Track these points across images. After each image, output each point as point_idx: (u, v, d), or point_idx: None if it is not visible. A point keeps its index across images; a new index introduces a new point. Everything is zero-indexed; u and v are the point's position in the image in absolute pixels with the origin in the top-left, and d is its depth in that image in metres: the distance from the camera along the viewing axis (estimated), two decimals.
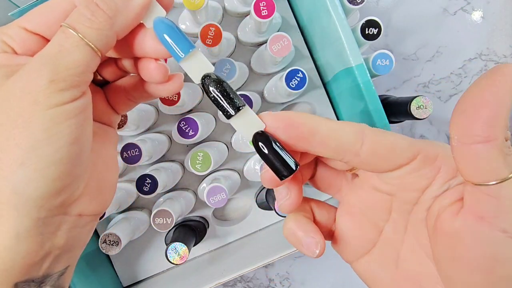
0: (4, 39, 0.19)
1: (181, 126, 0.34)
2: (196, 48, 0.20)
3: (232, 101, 0.19)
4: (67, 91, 0.17)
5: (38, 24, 0.20)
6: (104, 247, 0.34)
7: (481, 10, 0.51)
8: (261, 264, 0.36)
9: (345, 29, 0.32)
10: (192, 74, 0.20)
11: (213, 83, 0.19)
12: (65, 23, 0.18)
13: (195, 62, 0.20)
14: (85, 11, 0.18)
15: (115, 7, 0.19)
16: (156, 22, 0.20)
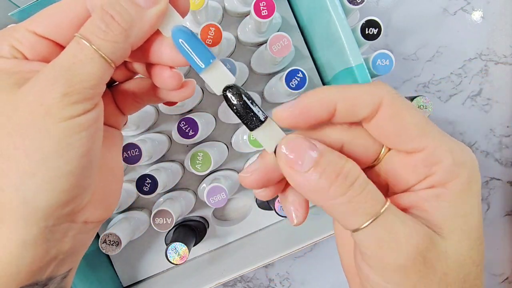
0: (13, 43, 0.19)
1: (181, 126, 0.34)
2: (217, 58, 0.19)
3: (255, 114, 0.18)
4: (80, 104, 0.17)
5: (48, 28, 0.19)
6: (104, 247, 0.34)
7: (481, 10, 0.51)
8: (261, 264, 0.36)
9: (345, 29, 0.32)
10: (213, 86, 0.19)
11: (236, 95, 0.19)
12: (80, 33, 0.18)
13: (216, 73, 0.19)
14: (100, 23, 0.18)
15: (130, 18, 0.18)
16: (175, 31, 0.19)
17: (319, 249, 0.51)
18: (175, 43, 0.19)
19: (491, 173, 0.53)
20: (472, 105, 0.52)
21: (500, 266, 0.55)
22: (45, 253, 0.18)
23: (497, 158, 0.53)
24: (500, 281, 0.55)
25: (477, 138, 0.53)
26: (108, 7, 0.18)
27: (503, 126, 0.53)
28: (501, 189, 0.54)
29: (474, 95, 0.52)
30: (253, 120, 0.18)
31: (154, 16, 0.19)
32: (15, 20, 0.33)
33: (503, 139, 0.53)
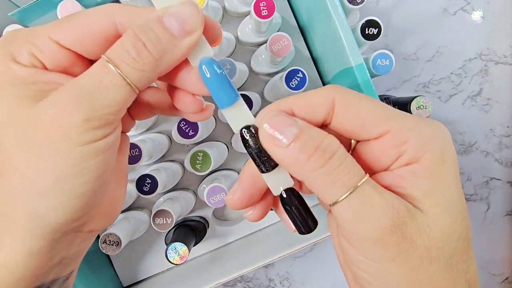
0: (33, 51, 0.18)
1: (181, 126, 0.34)
2: (240, 97, 0.19)
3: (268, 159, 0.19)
4: (100, 129, 0.17)
5: (72, 39, 0.18)
6: (104, 247, 0.34)
7: (481, 10, 0.51)
8: (261, 264, 0.36)
9: (345, 29, 0.32)
10: (232, 123, 0.19)
11: (252, 138, 0.19)
12: (107, 56, 0.17)
13: (238, 112, 0.19)
14: (131, 49, 0.17)
15: (162, 48, 0.17)
16: (203, 64, 0.19)
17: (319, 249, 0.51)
18: (201, 76, 0.19)
19: (491, 173, 0.53)
20: (472, 105, 0.52)
21: (500, 266, 0.55)
22: (50, 260, 0.18)
23: (497, 158, 0.53)
24: (500, 281, 0.55)
25: (477, 138, 0.53)
26: (141, 33, 0.17)
27: (503, 126, 0.53)
28: (501, 189, 0.54)
29: (474, 95, 0.52)
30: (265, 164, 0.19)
31: (186, 46, 0.18)
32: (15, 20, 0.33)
33: (503, 139, 0.53)
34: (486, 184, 0.54)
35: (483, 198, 0.54)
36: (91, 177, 0.17)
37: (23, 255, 0.17)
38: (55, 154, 0.16)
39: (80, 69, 0.19)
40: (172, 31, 0.17)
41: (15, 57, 0.17)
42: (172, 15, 0.17)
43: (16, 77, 0.17)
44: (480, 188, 0.54)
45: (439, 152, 0.17)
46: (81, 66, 0.19)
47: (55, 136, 0.16)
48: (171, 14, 0.17)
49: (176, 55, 0.18)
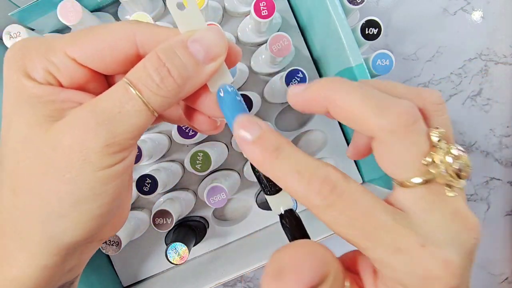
0: (49, 68, 0.17)
1: (181, 126, 0.34)
2: None
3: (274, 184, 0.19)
4: (119, 154, 0.17)
5: (90, 57, 0.17)
6: (104, 247, 0.34)
7: (481, 10, 0.51)
8: (261, 264, 0.36)
9: (345, 29, 0.32)
10: None
11: None
12: (129, 79, 0.16)
13: None
14: (154, 75, 0.16)
15: (186, 74, 0.17)
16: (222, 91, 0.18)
17: None
18: (219, 103, 0.18)
19: (491, 173, 0.53)
20: (472, 105, 0.52)
21: (500, 266, 0.55)
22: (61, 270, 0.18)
23: (497, 158, 0.53)
24: (500, 281, 0.55)
25: (477, 138, 0.53)
26: (166, 58, 0.17)
27: (503, 126, 0.53)
28: (501, 189, 0.54)
29: (474, 95, 0.52)
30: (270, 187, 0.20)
31: (209, 73, 0.18)
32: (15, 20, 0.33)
33: (503, 139, 0.53)
34: (486, 184, 0.54)
35: (483, 198, 0.54)
36: (109, 199, 0.17)
37: (37, 270, 0.17)
38: (75, 178, 0.16)
39: (96, 85, 0.19)
40: (197, 57, 0.17)
41: (29, 72, 0.17)
42: (198, 40, 0.17)
43: (32, 95, 0.17)
44: (480, 188, 0.54)
45: None
46: (97, 82, 0.19)
47: (75, 160, 0.16)
48: (196, 40, 0.17)
49: (198, 82, 0.18)
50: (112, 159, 0.16)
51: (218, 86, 0.19)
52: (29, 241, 0.17)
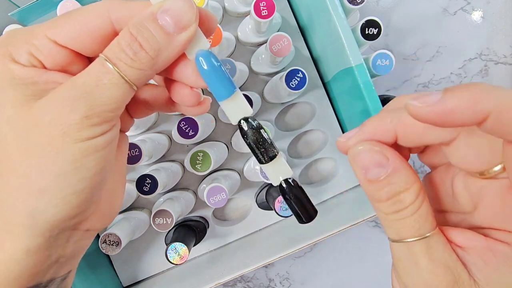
0: (32, 51, 0.18)
1: (181, 126, 0.34)
2: (237, 90, 0.19)
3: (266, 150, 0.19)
4: (99, 126, 0.17)
5: (69, 37, 0.18)
6: (104, 247, 0.34)
7: (481, 10, 0.51)
8: (261, 264, 0.36)
9: (345, 29, 0.32)
10: (230, 115, 0.19)
11: (250, 129, 0.19)
12: (105, 55, 0.17)
13: (235, 103, 0.19)
14: (127, 50, 0.17)
15: (158, 46, 0.17)
16: (200, 57, 0.19)
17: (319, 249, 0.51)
18: (198, 69, 0.19)
19: None
20: None
21: None
22: (47, 258, 0.18)
23: None
24: None
25: None
26: (137, 32, 0.17)
27: None
28: None
29: None
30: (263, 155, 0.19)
31: (182, 42, 0.18)
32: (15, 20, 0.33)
33: None
34: None
35: None
36: (90, 173, 0.17)
37: (20, 253, 0.17)
38: (55, 153, 0.16)
39: (78, 67, 0.19)
40: (166, 29, 0.17)
41: (14, 57, 0.17)
42: (166, 11, 0.17)
43: (16, 77, 0.17)
44: None
45: None
46: (79, 64, 0.19)
47: (55, 134, 0.16)
48: (164, 11, 0.17)
49: (172, 52, 0.18)
50: (92, 131, 0.17)
51: (195, 52, 0.19)
52: (11, 221, 0.17)
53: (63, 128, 0.16)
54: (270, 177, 0.20)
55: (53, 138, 0.16)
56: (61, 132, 0.16)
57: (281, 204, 0.35)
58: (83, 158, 0.17)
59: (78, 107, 0.16)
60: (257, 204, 0.42)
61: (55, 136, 0.16)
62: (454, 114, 0.14)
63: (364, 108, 0.34)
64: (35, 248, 0.17)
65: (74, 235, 0.19)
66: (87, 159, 0.17)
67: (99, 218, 0.20)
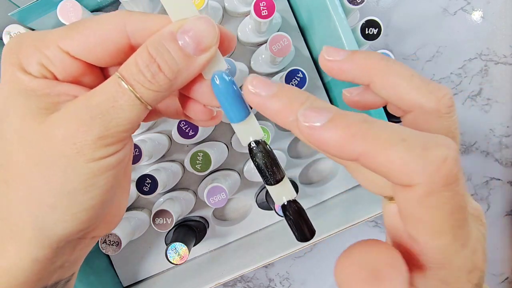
0: (43, 61, 0.17)
1: (181, 126, 0.34)
2: (252, 113, 0.19)
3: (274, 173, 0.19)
4: (112, 146, 0.17)
5: (83, 49, 0.17)
6: (104, 247, 0.34)
7: (481, 10, 0.51)
8: (261, 264, 0.36)
9: (345, 29, 0.32)
10: (241, 137, 0.19)
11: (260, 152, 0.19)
12: (121, 75, 0.17)
13: (248, 127, 0.19)
14: (146, 71, 0.16)
15: (177, 69, 0.17)
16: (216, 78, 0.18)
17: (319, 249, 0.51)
18: (214, 90, 0.18)
19: (491, 173, 0.53)
20: (472, 105, 0.52)
21: (500, 266, 0.55)
22: (52, 265, 0.18)
23: (497, 158, 0.53)
24: (500, 281, 0.55)
25: (477, 138, 0.53)
26: (156, 53, 0.17)
27: (503, 126, 0.53)
28: (501, 189, 0.54)
29: (474, 95, 0.52)
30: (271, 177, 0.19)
31: (201, 64, 0.17)
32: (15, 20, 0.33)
33: (503, 139, 0.53)
34: (486, 184, 0.54)
35: (483, 198, 0.54)
36: (101, 191, 0.17)
37: (27, 262, 0.17)
38: (67, 170, 0.16)
39: (91, 78, 0.19)
40: (186, 50, 0.17)
41: (23, 66, 0.17)
42: (187, 32, 0.17)
43: (27, 89, 0.17)
44: (480, 188, 0.54)
45: None
46: (92, 75, 0.19)
47: (69, 151, 0.16)
48: (185, 31, 0.17)
49: (190, 74, 0.18)
50: (105, 151, 0.17)
51: (212, 73, 0.18)
52: (20, 233, 0.17)
53: (77, 147, 0.16)
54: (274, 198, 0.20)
55: (65, 155, 0.16)
56: (74, 151, 0.16)
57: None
58: (95, 177, 0.17)
59: (93, 128, 0.16)
60: (257, 204, 0.42)
61: (67, 154, 0.16)
62: (328, 147, 0.14)
63: None
64: (42, 257, 0.17)
65: (81, 243, 0.20)
66: (99, 178, 0.17)
67: (105, 225, 0.21)
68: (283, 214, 0.20)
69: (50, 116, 0.16)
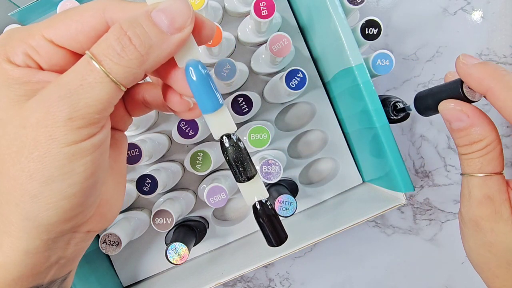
0: (28, 51, 0.17)
1: (181, 126, 0.34)
2: (224, 105, 0.19)
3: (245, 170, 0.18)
4: (85, 129, 0.16)
5: (66, 37, 0.18)
6: (104, 247, 0.34)
7: (481, 10, 0.51)
8: (261, 264, 0.36)
9: (345, 29, 0.32)
10: (213, 129, 0.19)
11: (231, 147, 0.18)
12: (91, 52, 0.16)
13: (220, 118, 0.19)
14: (115, 44, 0.16)
15: (149, 43, 0.17)
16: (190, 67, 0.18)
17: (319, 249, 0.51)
18: (187, 78, 0.18)
19: None
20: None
21: None
22: (46, 260, 0.18)
23: None
24: None
25: None
26: (128, 27, 0.16)
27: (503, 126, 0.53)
28: None
29: None
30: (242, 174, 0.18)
31: (175, 43, 0.17)
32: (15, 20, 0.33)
33: (503, 139, 0.53)
34: None
35: None
36: (79, 178, 0.17)
37: (19, 255, 0.17)
38: (43, 156, 0.16)
39: None
40: (161, 27, 0.17)
41: (9, 57, 0.17)
42: (162, 10, 0.17)
43: (9, 77, 0.17)
44: None
45: None
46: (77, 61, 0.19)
47: (42, 137, 0.16)
48: (161, 10, 0.17)
49: (163, 52, 0.17)
50: (77, 134, 0.16)
51: (186, 61, 0.18)
52: (9, 224, 0.17)
53: (49, 131, 0.16)
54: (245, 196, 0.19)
55: (40, 141, 0.16)
56: (47, 135, 0.16)
57: (281, 204, 0.35)
58: (71, 163, 0.16)
59: (62, 108, 0.16)
60: None
61: (42, 139, 0.16)
62: (471, 78, 0.22)
63: (364, 108, 0.34)
64: (33, 250, 0.17)
65: (75, 238, 0.19)
66: (75, 164, 0.16)
67: (100, 219, 0.20)
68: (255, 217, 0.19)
69: (28, 101, 0.16)
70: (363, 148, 0.39)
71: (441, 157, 0.52)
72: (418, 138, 0.52)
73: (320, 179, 0.45)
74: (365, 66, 0.33)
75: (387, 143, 0.33)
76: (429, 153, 0.52)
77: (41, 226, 0.17)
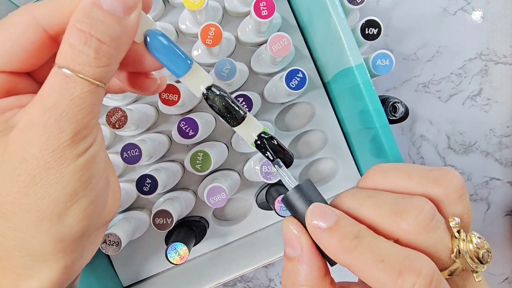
0: None
1: (181, 126, 0.34)
2: (194, 62, 0.19)
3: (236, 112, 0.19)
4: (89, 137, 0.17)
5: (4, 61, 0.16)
6: (104, 247, 0.34)
7: (481, 10, 0.51)
8: (261, 264, 0.36)
9: (345, 29, 0.32)
10: (193, 89, 0.19)
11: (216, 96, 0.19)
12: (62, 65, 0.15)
13: (195, 77, 0.19)
14: (86, 49, 0.15)
15: (116, 35, 0.16)
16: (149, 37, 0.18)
17: None
18: (150, 50, 0.18)
19: (491, 173, 0.53)
20: (472, 105, 0.52)
21: (500, 266, 0.55)
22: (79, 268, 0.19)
23: (497, 158, 0.53)
24: (500, 281, 0.55)
25: (477, 138, 0.53)
26: (88, 27, 0.15)
27: (503, 126, 0.53)
28: (501, 189, 0.54)
29: (474, 95, 0.52)
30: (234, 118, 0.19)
31: (135, 23, 0.17)
32: None
33: (503, 139, 0.53)
34: (486, 184, 0.54)
35: (483, 198, 0.54)
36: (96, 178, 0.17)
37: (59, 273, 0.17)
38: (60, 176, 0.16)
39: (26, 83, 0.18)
40: (116, 14, 0.16)
41: None
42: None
43: None
44: (480, 188, 0.54)
45: None
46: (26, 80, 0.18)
47: (53, 161, 0.15)
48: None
49: (129, 37, 0.17)
50: (84, 143, 0.16)
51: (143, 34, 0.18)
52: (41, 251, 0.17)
53: (58, 152, 0.15)
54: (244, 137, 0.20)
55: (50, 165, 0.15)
56: (57, 157, 0.15)
57: (281, 204, 0.35)
58: (88, 170, 0.17)
59: (64, 128, 0.15)
60: (257, 204, 0.42)
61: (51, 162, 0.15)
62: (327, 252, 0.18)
63: (364, 108, 0.34)
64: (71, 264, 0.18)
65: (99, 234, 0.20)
66: (91, 169, 0.17)
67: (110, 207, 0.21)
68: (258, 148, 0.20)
69: (10, 136, 0.16)
70: (363, 148, 0.39)
71: (441, 157, 0.52)
72: (418, 138, 0.52)
73: (320, 179, 0.45)
74: (365, 66, 0.33)
75: (387, 143, 0.33)
76: (429, 153, 0.52)
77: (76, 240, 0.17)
